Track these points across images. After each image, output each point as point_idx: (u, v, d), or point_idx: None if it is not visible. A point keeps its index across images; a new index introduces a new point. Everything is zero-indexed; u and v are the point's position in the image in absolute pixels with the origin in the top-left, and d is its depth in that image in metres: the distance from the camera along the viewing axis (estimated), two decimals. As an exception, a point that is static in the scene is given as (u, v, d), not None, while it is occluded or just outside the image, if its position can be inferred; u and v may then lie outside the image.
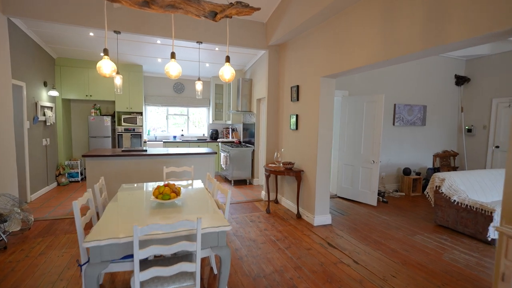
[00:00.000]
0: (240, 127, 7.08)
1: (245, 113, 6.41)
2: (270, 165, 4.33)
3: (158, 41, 4.83)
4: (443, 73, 6.17)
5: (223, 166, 6.32)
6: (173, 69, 2.30)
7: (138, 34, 3.97)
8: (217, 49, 5.19)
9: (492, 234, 3.13)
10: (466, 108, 6.38)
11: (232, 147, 6.01)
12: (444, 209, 3.70)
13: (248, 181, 6.11)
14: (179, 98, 7.27)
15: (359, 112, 4.82)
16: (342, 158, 5.11)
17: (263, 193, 4.90)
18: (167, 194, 2.06)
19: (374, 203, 4.66)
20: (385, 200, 4.95)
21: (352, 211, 4.37)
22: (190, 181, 3.10)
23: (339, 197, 5.19)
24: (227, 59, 2.19)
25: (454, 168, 6.43)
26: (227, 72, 2.15)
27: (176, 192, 2.17)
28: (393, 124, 5.67)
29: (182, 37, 4.18)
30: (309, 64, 3.81)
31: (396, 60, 2.51)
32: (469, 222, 3.40)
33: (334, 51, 3.27)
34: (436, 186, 3.78)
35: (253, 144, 6.05)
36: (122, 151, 4.18)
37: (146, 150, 4.35)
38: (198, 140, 7.04)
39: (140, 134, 6.25)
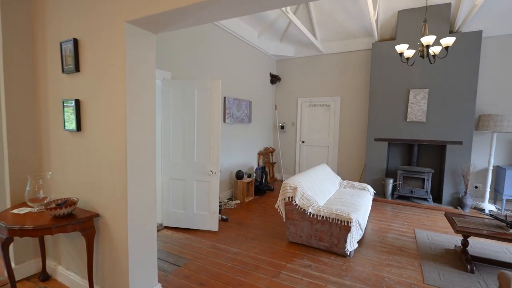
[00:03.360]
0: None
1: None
2: (15, 212, 1.94)
3: None
4: (262, 70, 6.04)
5: None
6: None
7: None
8: None
9: (350, 246, 2.77)
10: (279, 106, 6.70)
11: None
12: (297, 223, 3.09)
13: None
14: None
15: (189, 104, 3.39)
16: (169, 170, 3.49)
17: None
18: None
19: (215, 227, 3.46)
20: (224, 217, 3.90)
21: (190, 252, 2.90)
22: None
23: (167, 227, 3.55)
24: None
25: (273, 164, 6.63)
26: None
27: None
28: (224, 121, 4.75)
29: None
30: (98, -3, 1.85)
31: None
32: (324, 235, 2.94)
33: (153, -31, 1.57)
34: (289, 198, 3.10)
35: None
36: None
37: None
38: None
39: None
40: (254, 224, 3.73)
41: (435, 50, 3.13)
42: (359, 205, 3.36)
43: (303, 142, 6.46)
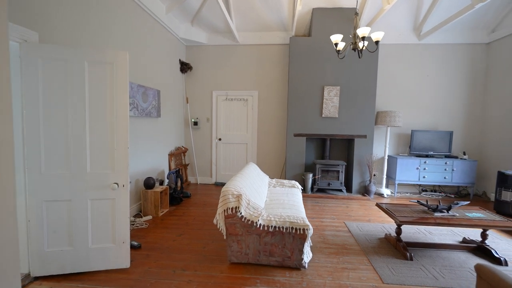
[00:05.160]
0: None
1: None
2: None
3: None
4: (171, 54, 5.06)
5: None
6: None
7: None
8: None
9: (306, 257, 2.41)
10: (191, 99, 5.84)
11: None
12: (242, 239, 2.50)
13: None
14: None
15: (75, 84, 2.22)
16: (40, 188, 2.20)
17: None
18: None
19: (127, 262, 2.44)
20: (135, 243, 2.87)
21: (89, 314, 1.85)
22: None
23: (41, 278, 2.25)
24: None
25: (186, 166, 5.75)
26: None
27: None
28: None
29: None
30: None
31: None
32: (275, 248, 2.47)
33: None
34: (232, 208, 2.46)
35: None
36: None
37: None
38: None
39: None
40: (179, 246, 2.89)
41: (364, 43, 3.17)
42: (298, 205, 3.08)
43: (219, 139, 5.86)
